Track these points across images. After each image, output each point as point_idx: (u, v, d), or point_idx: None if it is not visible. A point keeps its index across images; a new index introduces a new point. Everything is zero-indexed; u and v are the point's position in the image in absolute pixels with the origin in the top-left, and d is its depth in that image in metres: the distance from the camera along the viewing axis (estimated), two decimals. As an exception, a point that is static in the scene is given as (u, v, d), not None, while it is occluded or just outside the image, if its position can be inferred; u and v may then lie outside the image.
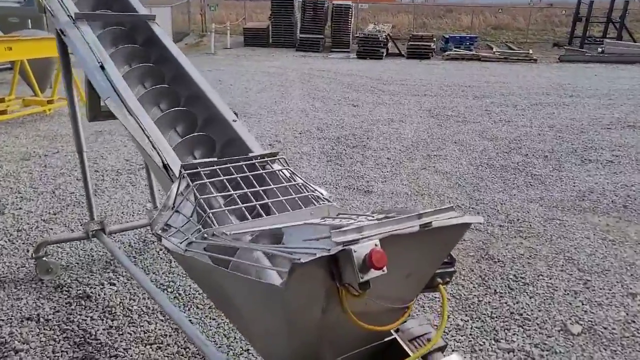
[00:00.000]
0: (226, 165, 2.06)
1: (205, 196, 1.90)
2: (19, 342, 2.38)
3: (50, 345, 2.38)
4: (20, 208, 3.95)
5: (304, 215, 1.93)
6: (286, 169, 2.14)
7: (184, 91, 2.57)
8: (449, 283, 1.83)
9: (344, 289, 1.34)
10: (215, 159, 2.07)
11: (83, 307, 2.68)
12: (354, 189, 4.45)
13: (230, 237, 1.74)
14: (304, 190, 2.05)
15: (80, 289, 2.83)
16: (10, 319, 2.56)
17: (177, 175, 2.00)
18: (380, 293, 1.43)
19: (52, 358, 2.30)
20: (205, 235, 1.73)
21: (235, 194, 1.94)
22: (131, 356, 2.32)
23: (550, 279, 3.02)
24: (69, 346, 2.38)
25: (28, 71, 6.92)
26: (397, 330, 1.83)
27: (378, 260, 1.27)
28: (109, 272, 3.01)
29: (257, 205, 1.92)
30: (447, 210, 1.52)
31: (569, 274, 3.08)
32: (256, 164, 2.11)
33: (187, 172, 1.99)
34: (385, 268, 1.29)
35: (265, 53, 16.33)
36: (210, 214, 1.83)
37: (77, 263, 3.13)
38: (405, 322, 1.78)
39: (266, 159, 2.16)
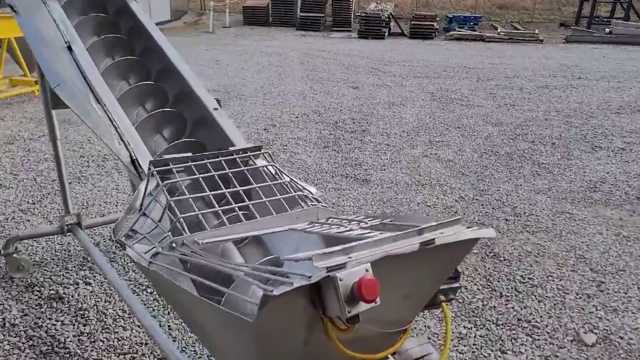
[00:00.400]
0: (203, 161, 1.83)
1: (177, 198, 1.67)
2: (-22, 351, 2.18)
3: (13, 354, 2.17)
4: (-3, 197, 3.73)
5: (289, 219, 1.70)
6: (271, 166, 1.91)
7: (165, 81, 2.33)
8: (453, 300, 1.62)
9: (328, 320, 1.12)
10: (190, 154, 1.84)
11: (54, 309, 2.47)
12: (352, 177, 4.22)
13: (202, 246, 1.52)
14: (291, 189, 1.82)
15: (52, 289, 2.62)
16: (-27, 323, 2.36)
17: (146, 173, 1.77)
18: (372, 317, 1.21)
19: (14, 369, 2.10)
20: (174, 244, 1.50)
21: (212, 194, 1.71)
22: (102, 368, 2.12)
23: (560, 280, 2.80)
24: (34, 356, 2.17)
25: (16, 49, 6.65)
26: (393, 353, 1.62)
27: (369, 291, 1.04)
28: (85, 270, 2.80)
29: (237, 208, 1.69)
30: (453, 223, 1.29)
31: (581, 275, 2.86)
32: (237, 159, 1.88)
33: (157, 169, 1.76)
34: (378, 299, 1.07)
35: (264, 32, 15.95)
36: (182, 219, 1.60)
37: (52, 259, 2.92)
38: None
39: (249, 153, 1.93)
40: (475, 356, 2.22)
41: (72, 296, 2.57)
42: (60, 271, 2.79)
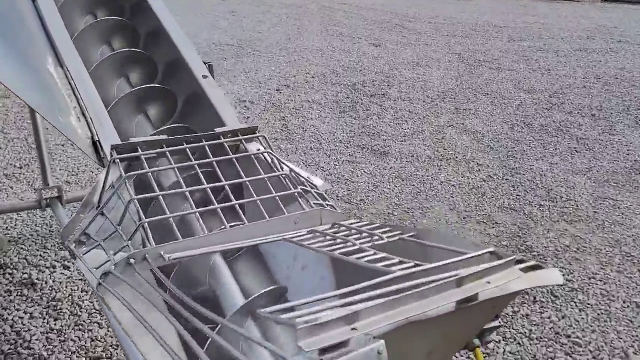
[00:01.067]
0: (182, 146, 1.47)
1: (142, 196, 1.32)
2: None
3: (-29, 354, 1.90)
4: (-17, 158, 3.44)
5: (286, 224, 1.35)
6: (268, 153, 1.55)
7: (143, 29, 1.95)
8: (490, 343, 1.28)
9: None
10: (166, 137, 1.48)
11: (24, 298, 2.19)
12: (369, 149, 3.83)
13: (170, 263, 1.18)
14: (290, 185, 1.46)
15: (26, 273, 2.33)
16: None
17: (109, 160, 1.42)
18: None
19: (-30, 374, 1.83)
20: (132, 260, 1.16)
21: (191, 191, 1.36)
22: (69, 376, 1.84)
23: (604, 283, 2.44)
24: (-5, 357, 1.90)
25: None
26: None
27: (382, 393, 0.70)
28: (65, 251, 2.50)
29: (220, 210, 1.34)
30: (505, 266, 0.92)
31: (628, 278, 2.48)
32: (225, 144, 1.52)
33: (121, 156, 1.41)
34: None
35: (284, -18, 15.23)
36: (147, 224, 1.26)
37: (31, 235, 2.63)
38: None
39: (240, 137, 1.56)
40: (505, 379, 1.89)
41: (47, 282, 2.28)
42: (37, 250, 2.50)
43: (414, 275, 0.95)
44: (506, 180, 3.46)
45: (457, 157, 3.77)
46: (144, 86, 1.73)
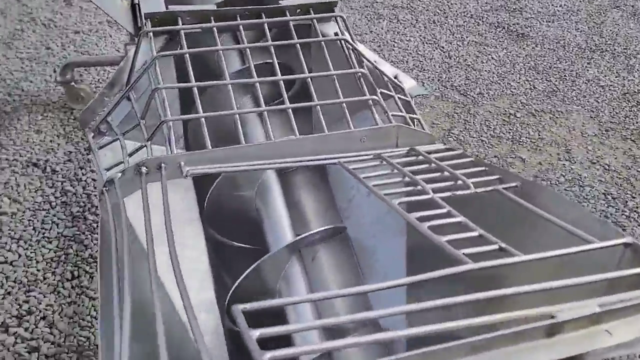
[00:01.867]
0: (235, 22, 1.15)
1: (172, 85, 1.06)
2: (4, 203, 1.91)
3: (42, 210, 1.89)
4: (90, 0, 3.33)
5: (348, 141, 1.04)
6: (344, 40, 1.18)
7: None
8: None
9: None
10: (214, 6, 1.17)
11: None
12: (504, 28, 3.20)
13: (184, 175, 0.93)
14: (364, 87, 1.11)
15: (107, 132, 2.26)
16: (15, 161, 2.08)
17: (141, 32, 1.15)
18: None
19: (37, 229, 1.82)
20: (144, 168, 0.93)
21: (233, 84, 1.07)
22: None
23: None
24: (64, 217, 1.88)
25: None
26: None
27: None
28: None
29: (266, 114, 1.04)
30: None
31: None
32: (291, 23, 1.17)
33: (156, 29, 1.13)
34: None
35: None
36: (171, 124, 1.01)
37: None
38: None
39: (313, 15, 1.20)
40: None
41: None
42: (123, 108, 2.41)
43: (488, 279, 0.62)
44: (674, 87, 2.75)
45: (615, 49, 3.05)
46: None
